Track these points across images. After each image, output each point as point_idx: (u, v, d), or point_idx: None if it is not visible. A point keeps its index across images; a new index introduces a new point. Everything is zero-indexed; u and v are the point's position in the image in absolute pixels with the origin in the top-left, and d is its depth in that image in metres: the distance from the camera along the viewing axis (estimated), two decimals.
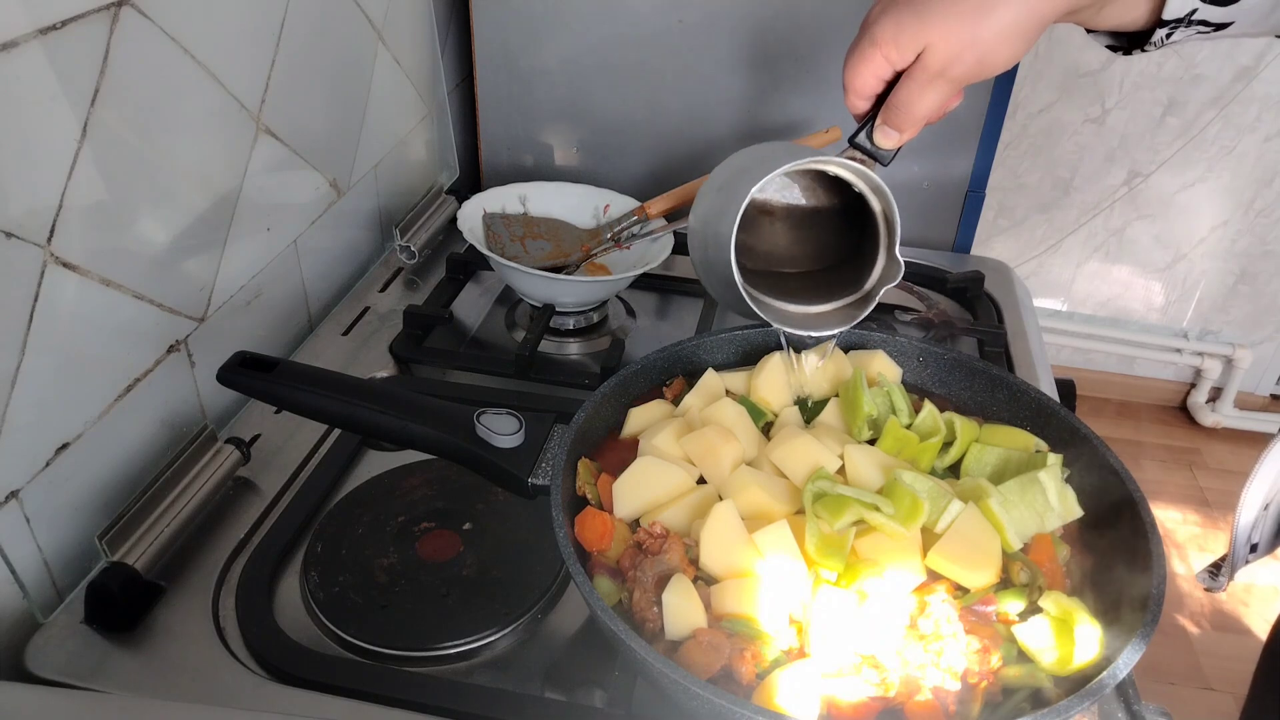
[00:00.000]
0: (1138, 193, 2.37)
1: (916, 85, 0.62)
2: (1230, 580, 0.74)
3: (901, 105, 0.63)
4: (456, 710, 0.61)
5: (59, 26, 0.61)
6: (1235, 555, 0.72)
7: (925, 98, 0.62)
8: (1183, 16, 0.59)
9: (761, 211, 0.77)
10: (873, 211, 0.70)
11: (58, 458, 0.67)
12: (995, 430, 0.72)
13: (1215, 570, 0.75)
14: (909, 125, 0.65)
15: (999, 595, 0.58)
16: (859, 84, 0.64)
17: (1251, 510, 0.69)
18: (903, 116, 0.64)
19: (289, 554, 0.73)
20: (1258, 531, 0.72)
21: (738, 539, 0.59)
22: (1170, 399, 2.68)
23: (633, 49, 1.21)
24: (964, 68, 0.60)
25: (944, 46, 0.59)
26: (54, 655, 0.64)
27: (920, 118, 0.64)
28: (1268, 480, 0.68)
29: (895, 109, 0.64)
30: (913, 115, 0.63)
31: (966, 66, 0.60)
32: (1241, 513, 0.70)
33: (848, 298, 0.73)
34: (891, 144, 0.66)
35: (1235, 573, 0.74)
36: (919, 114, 0.63)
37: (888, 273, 0.71)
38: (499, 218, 1.10)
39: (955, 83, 0.61)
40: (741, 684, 0.54)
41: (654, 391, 0.76)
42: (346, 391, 0.68)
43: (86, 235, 0.67)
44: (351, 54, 1.02)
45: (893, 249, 0.70)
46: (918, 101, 0.62)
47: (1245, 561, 0.73)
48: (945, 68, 0.60)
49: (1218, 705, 1.85)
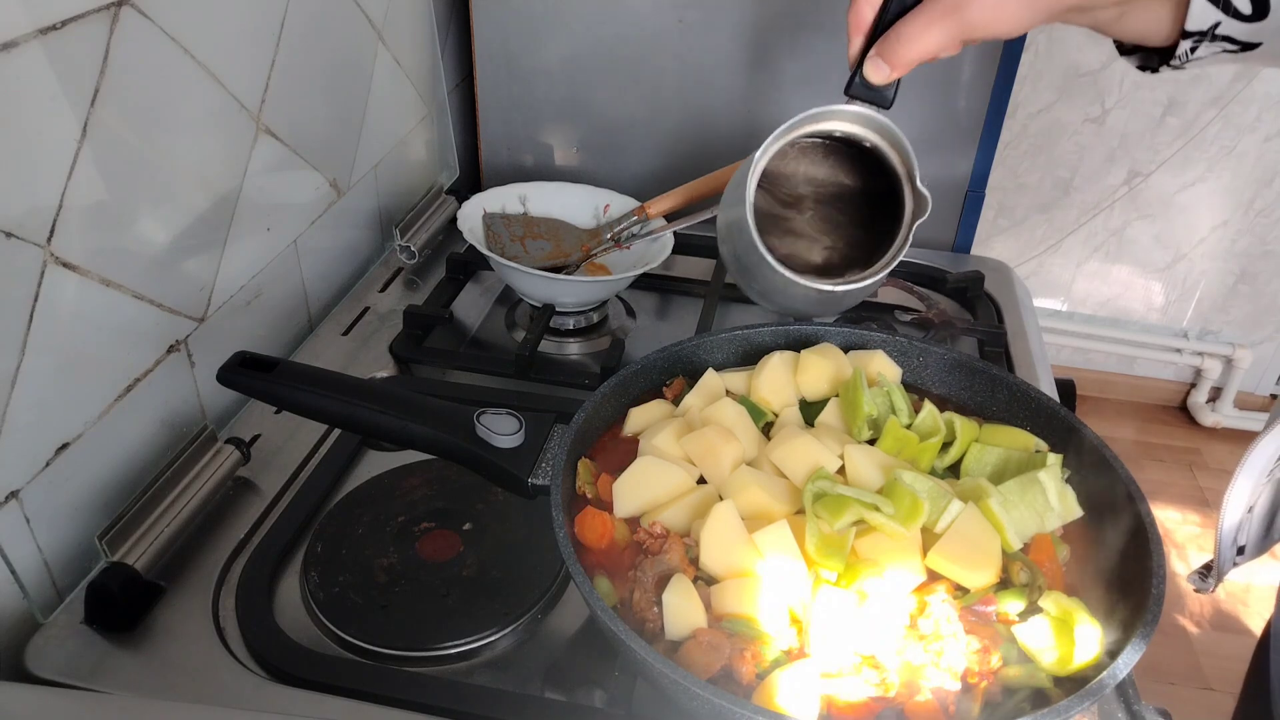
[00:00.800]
0: (1138, 193, 2.37)
1: (924, 19, 0.59)
2: (1219, 583, 0.74)
3: (902, 37, 0.60)
4: (456, 710, 0.61)
5: (59, 26, 0.61)
6: (1221, 558, 0.72)
7: (929, 34, 0.59)
8: (1206, 29, 0.58)
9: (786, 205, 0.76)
10: (888, 161, 0.69)
11: (58, 458, 0.67)
12: (995, 430, 0.72)
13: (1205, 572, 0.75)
14: (902, 61, 0.62)
15: (999, 595, 0.58)
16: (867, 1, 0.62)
17: (1235, 513, 0.69)
18: (899, 50, 0.61)
19: (289, 554, 0.73)
20: (1243, 534, 0.72)
21: (738, 539, 0.59)
22: (1170, 399, 2.68)
23: (633, 49, 1.21)
24: (979, 12, 0.57)
25: None
26: (54, 655, 0.64)
27: (916, 56, 0.61)
28: (1249, 482, 0.68)
29: (893, 40, 0.61)
30: (910, 50, 0.61)
31: (983, 11, 0.57)
32: (1225, 516, 0.69)
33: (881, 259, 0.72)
34: (881, 78, 0.63)
35: (1223, 575, 0.74)
36: (916, 51, 0.61)
37: (918, 208, 0.69)
38: (499, 218, 1.10)
39: (964, 28, 0.59)
40: (741, 684, 0.54)
41: (654, 391, 0.76)
42: (346, 391, 0.68)
43: (86, 235, 0.67)
44: (351, 54, 1.02)
45: (915, 183, 0.69)
46: (920, 36, 0.60)
47: (1233, 564, 0.73)
48: (961, 5, 0.58)
49: (1218, 705, 1.85)
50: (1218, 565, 0.73)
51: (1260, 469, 0.68)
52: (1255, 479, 0.68)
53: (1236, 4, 0.56)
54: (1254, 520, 0.71)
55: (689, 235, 1.13)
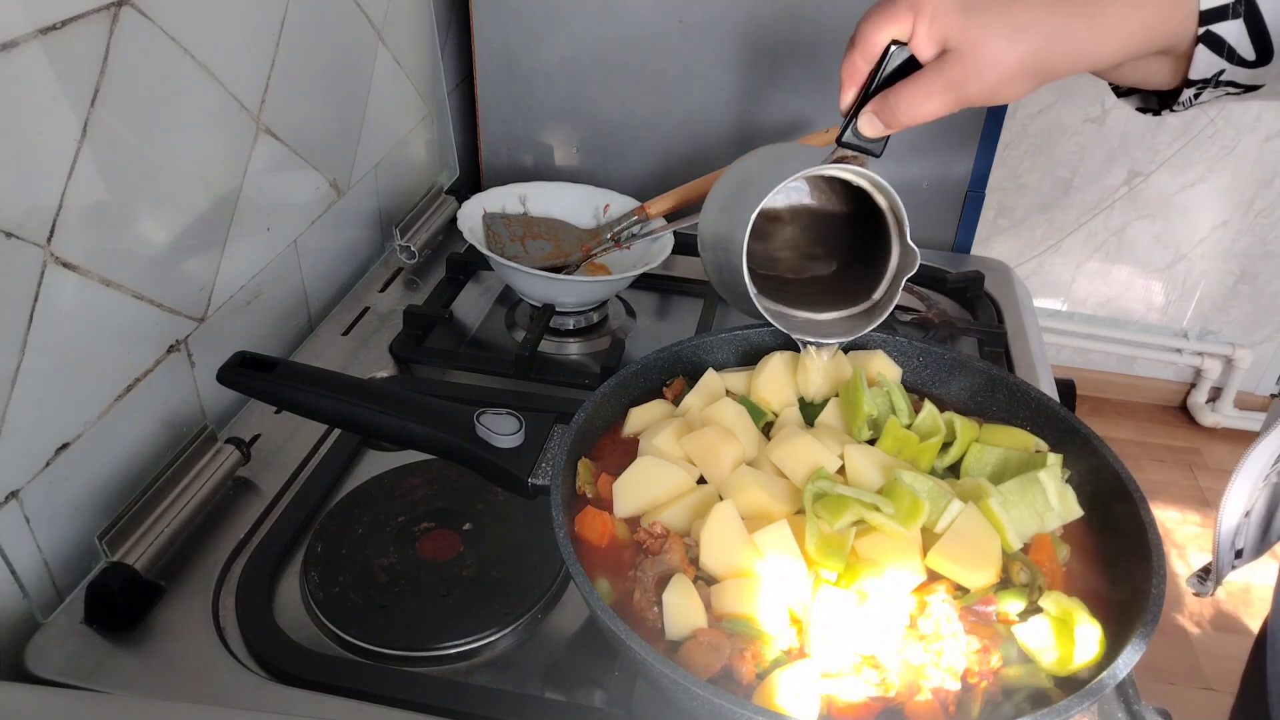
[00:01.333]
0: (1138, 193, 2.37)
1: (925, 89, 0.59)
2: (1217, 586, 0.74)
3: (900, 102, 0.60)
4: (456, 710, 0.61)
5: (59, 26, 0.61)
6: (1220, 562, 0.72)
7: (928, 104, 0.59)
8: (1209, 77, 0.58)
9: (770, 219, 0.77)
10: (879, 205, 0.71)
11: (58, 458, 0.67)
12: (995, 430, 0.72)
13: (1204, 575, 0.75)
14: (898, 123, 0.62)
15: (999, 595, 0.58)
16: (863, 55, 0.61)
17: (1232, 517, 0.69)
18: (897, 113, 0.61)
19: (289, 554, 0.73)
20: (1241, 537, 0.72)
21: (738, 539, 0.59)
22: (1170, 399, 2.68)
23: (633, 49, 1.21)
24: (979, 89, 0.57)
25: (971, 55, 0.57)
26: (54, 655, 0.64)
27: (911, 121, 0.61)
28: (1246, 486, 0.68)
29: (891, 103, 0.61)
30: (907, 115, 0.61)
31: (982, 89, 0.57)
32: (1223, 519, 0.69)
33: (864, 303, 0.74)
34: (875, 133, 0.63)
35: (1221, 579, 0.74)
36: (913, 116, 0.61)
37: (904, 262, 0.72)
38: (499, 218, 1.10)
39: (963, 101, 0.59)
40: (741, 684, 0.54)
41: (654, 391, 0.76)
42: (346, 391, 0.68)
43: (86, 235, 0.67)
44: (351, 54, 1.02)
45: (905, 238, 0.70)
46: (920, 105, 0.60)
47: (1231, 567, 0.73)
48: (962, 82, 0.58)
49: (1218, 705, 1.85)
50: (1216, 569, 0.73)
51: (1257, 473, 0.68)
52: (1252, 483, 0.68)
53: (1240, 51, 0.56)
54: (1251, 524, 0.71)
55: (689, 235, 1.13)
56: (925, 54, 0.60)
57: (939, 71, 0.58)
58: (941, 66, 0.58)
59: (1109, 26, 0.57)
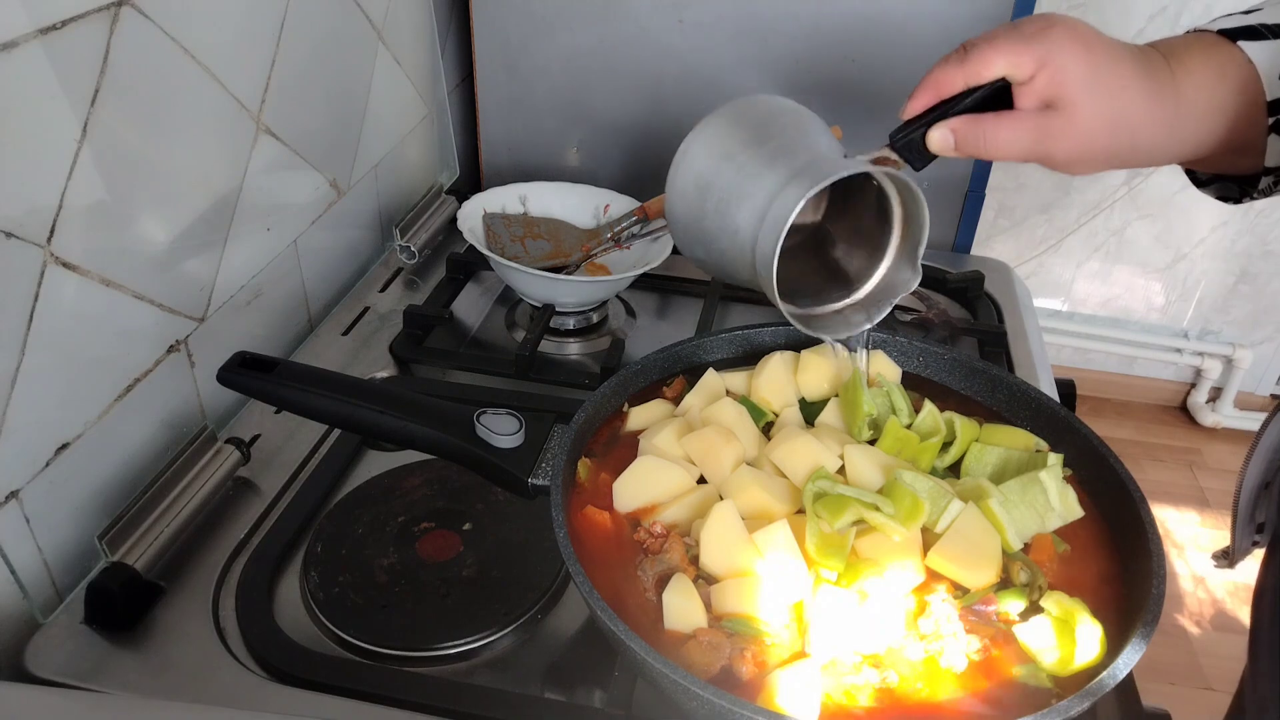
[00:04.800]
0: (1138, 192, 2.37)
1: (1018, 127, 0.59)
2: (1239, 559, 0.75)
3: (988, 133, 0.60)
4: (456, 710, 0.61)
5: (59, 26, 0.61)
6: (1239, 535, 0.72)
7: (1015, 144, 0.60)
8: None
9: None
10: (892, 213, 0.69)
11: (58, 458, 0.67)
12: (995, 430, 0.72)
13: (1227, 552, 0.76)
14: (972, 150, 0.61)
15: (999, 595, 0.58)
16: (966, 74, 0.60)
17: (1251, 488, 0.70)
18: (980, 141, 0.60)
19: (289, 554, 0.73)
20: (1261, 511, 0.71)
21: (738, 539, 0.59)
22: (1170, 399, 2.68)
23: (633, 49, 1.21)
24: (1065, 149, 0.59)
25: (1077, 119, 0.57)
26: (54, 655, 0.64)
27: (984, 153, 0.61)
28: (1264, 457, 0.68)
29: (979, 133, 0.60)
30: (987, 146, 0.60)
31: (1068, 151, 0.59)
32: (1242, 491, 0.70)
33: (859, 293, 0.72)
34: (942, 149, 0.63)
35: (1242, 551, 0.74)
36: (991, 149, 0.60)
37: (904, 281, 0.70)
38: (499, 218, 1.10)
39: (1043, 154, 0.59)
40: (741, 684, 0.54)
41: (654, 391, 0.76)
42: (346, 391, 0.68)
43: (86, 235, 0.67)
44: (351, 54, 1.02)
45: (915, 257, 0.68)
46: (1006, 141, 0.60)
47: (1253, 543, 0.73)
48: (1055, 137, 0.58)
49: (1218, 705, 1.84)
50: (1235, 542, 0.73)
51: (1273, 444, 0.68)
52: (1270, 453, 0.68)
53: None
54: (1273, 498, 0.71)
55: None
56: (1028, 103, 0.60)
57: (1039, 119, 0.59)
58: (1042, 116, 0.59)
59: (1186, 136, 0.59)
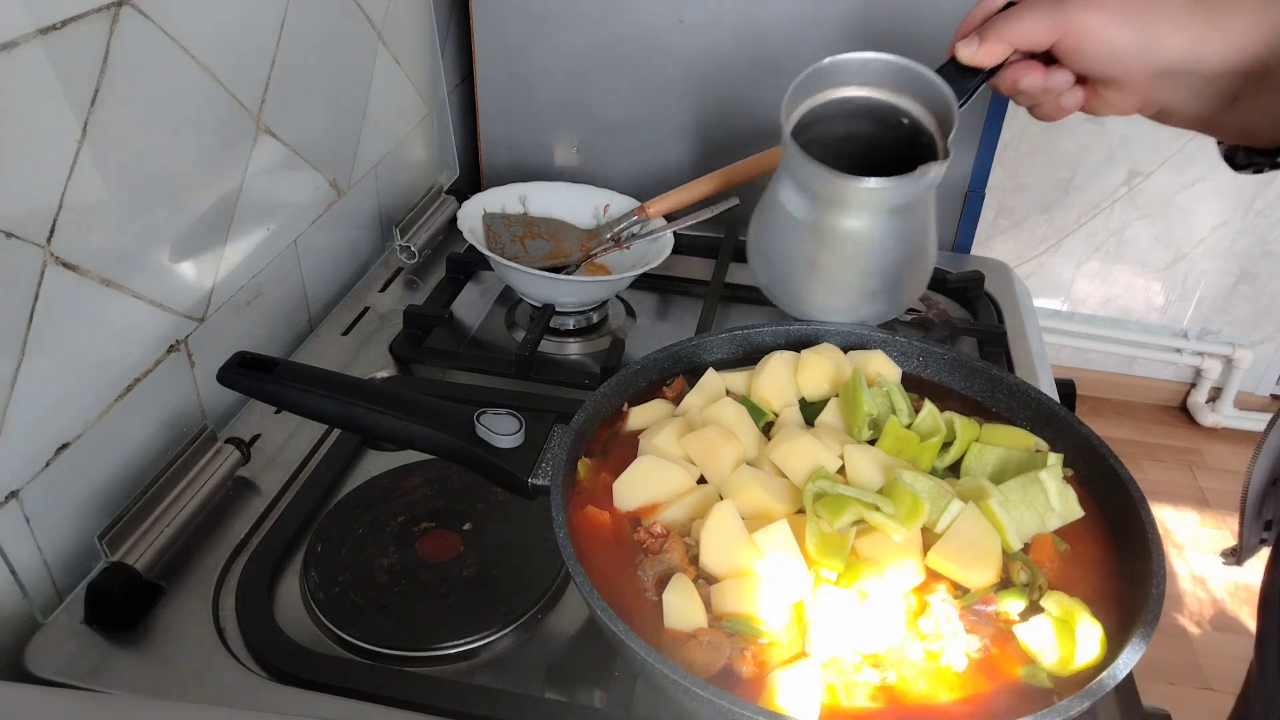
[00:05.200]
0: (1138, 192, 2.37)
1: (1028, 9, 0.65)
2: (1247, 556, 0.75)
3: (999, 21, 0.66)
4: (456, 710, 0.61)
5: (59, 26, 0.61)
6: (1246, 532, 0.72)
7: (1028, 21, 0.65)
8: None
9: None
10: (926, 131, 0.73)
11: (58, 458, 0.67)
12: (995, 430, 0.72)
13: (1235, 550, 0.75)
14: (992, 38, 0.67)
15: (999, 595, 0.58)
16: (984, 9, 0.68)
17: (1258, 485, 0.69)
18: (994, 29, 0.66)
19: (289, 554, 0.73)
20: (1269, 508, 0.71)
21: (738, 538, 0.59)
22: (1170, 399, 2.68)
23: (633, 49, 1.21)
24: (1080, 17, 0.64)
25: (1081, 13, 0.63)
26: (54, 655, 0.64)
27: (1009, 37, 0.66)
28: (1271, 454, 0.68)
29: (998, 27, 0.67)
30: (1006, 33, 0.66)
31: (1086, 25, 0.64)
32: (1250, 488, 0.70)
33: None
34: (972, 57, 0.68)
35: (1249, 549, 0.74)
36: (1013, 34, 0.66)
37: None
38: (499, 218, 1.10)
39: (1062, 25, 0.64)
40: (741, 684, 0.54)
41: (654, 391, 0.76)
42: (346, 391, 0.68)
43: (86, 235, 0.67)
44: (351, 54, 1.02)
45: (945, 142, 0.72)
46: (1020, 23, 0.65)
47: (1261, 540, 0.73)
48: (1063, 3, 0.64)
49: (1218, 705, 1.85)
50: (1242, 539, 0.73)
51: None
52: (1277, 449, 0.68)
53: None
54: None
55: (689, 235, 1.13)
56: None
57: (1052, 5, 0.65)
58: (1054, 5, 0.65)
59: (1216, 43, 0.61)
